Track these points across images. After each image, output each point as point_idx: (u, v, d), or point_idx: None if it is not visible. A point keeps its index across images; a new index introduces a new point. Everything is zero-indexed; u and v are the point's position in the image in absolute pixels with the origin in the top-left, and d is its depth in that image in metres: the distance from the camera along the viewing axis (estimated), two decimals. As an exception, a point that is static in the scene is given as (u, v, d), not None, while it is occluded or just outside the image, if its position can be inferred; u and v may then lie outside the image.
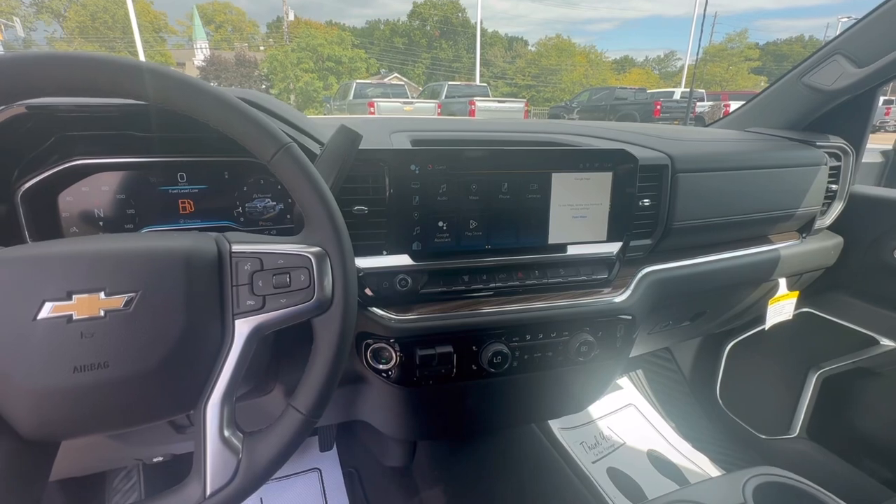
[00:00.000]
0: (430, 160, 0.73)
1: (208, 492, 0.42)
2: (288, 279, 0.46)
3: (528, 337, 0.80)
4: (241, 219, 0.79)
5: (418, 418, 0.89)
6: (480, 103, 11.33)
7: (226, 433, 0.43)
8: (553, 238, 0.82)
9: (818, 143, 1.09)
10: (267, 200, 0.80)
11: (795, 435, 1.35)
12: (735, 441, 1.46)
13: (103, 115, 0.66)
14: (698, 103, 13.20)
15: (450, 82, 15.62)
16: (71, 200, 0.69)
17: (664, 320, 1.06)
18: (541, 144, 0.86)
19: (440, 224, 0.76)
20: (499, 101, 13.15)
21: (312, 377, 0.47)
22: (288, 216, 0.81)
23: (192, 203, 0.76)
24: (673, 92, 17.09)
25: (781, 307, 1.15)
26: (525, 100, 14.36)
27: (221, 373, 0.44)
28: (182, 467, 1.26)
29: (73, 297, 0.39)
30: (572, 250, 0.83)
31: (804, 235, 1.12)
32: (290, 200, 0.81)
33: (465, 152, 0.74)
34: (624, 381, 1.69)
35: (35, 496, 0.40)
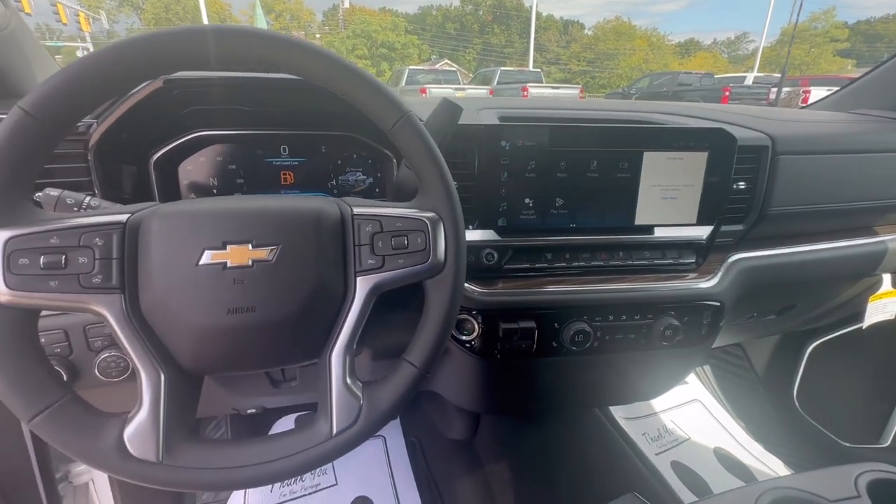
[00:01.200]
0: (521, 136, 0.73)
1: (334, 430, 0.46)
2: (406, 241, 0.48)
3: (610, 317, 0.79)
4: (335, 191, 0.83)
5: (491, 391, 0.91)
6: (533, 90, 11.04)
7: (348, 381, 0.47)
8: (640, 219, 0.80)
9: None
10: (358, 174, 0.84)
11: (887, 445, 1.25)
12: (813, 446, 1.38)
13: (218, 90, 0.72)
14: (772, 88, 12.13)
15: (502, 68, 15.32)
16: (191, 169, 0.76)
17: (749, 311, 1.01)
18: (631, 123, 0.83)
19: (527, 201, 0.77)
20: (552, 88, 12.77)
21: (425, 335, 0.49)
22: (377, 189, 0.85)
23: (292, 174, 0.81)
24: (744, 77, 15.79)
25: (883, 305, 1.06)
26: (580, 86, 13.83)
27: (344, 325, 0.47)
28: (266, 420, 1.36)
29: (228, 246, 0.43)
30: (659, 232, 0.81)
31: None
32: (378, 175, 0.85)
33: (556, 129, 0.74)
34: (689, 377, 1.63)
35: (191, 422, 0.45)
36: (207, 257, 0.43)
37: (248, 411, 0.96)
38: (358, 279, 0.48)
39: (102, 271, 0.41)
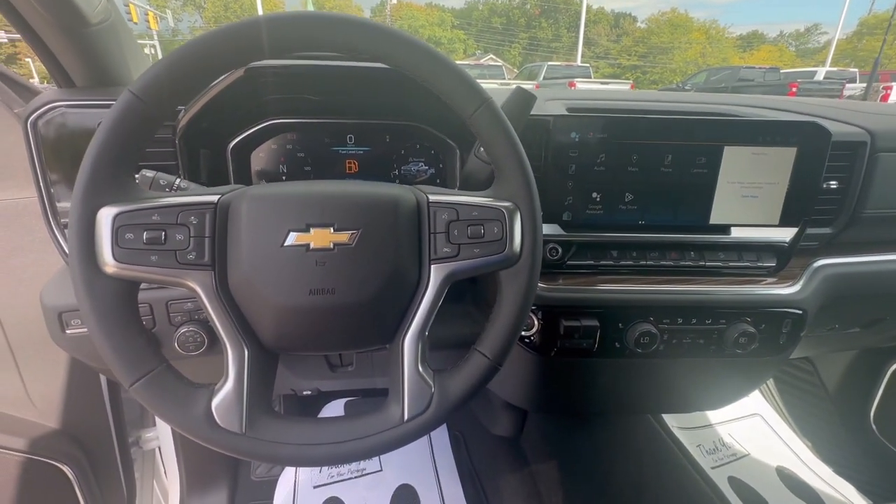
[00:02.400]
0: (593, 128, 0.71)
1: (406, 416, 0.46)
2: (482, 230, 0.47)
3: (679, 320, 0.75)
4: (397, 180, 0.84)
5: (544, 389, 0.89)
6: (581, 85, 10.74)
7: (420, 368, 0.47)
8: (715, 218, 0.75)
9: None
10: (421, 164, 0.84)
11: (983, 479, 1.12)
12: (892, 473, 1.26)
13: (291, 79, 0.74)
14: (847, 84, 11.15)
15: (549, 63, 14.97)
16: (262, 156, 0.79)
17: (830, 323, 0.93)
18: (710, 115, 0.78)
19: (594, 195, 0.74)
20: (601, 83, 12.36)
21: (497, 326, 0.49)
22: (438, 181, 0.85)
23: (356, 163, 0.82)
24: (814, 72, 14.61)
25: None
26: (630, 82, 13.30)
27: (417, 312, 0.47)
28: (318, 402, 1.41)
29: (311, 229, 0.44)
30: (736, 233, 0.76)
31: None
32: (441, 165, 0.84)
33: (630, 121, 0.71)
34: (749, 389, 1.53)
35: (269, 397, 0.47)
36: (292, 239, 0.44)
37: (304, 393, 0.99)
38: (432, 267, 0.47)
39: (196, 248, 0.43)
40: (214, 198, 0.45)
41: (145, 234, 0.42)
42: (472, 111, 0.47)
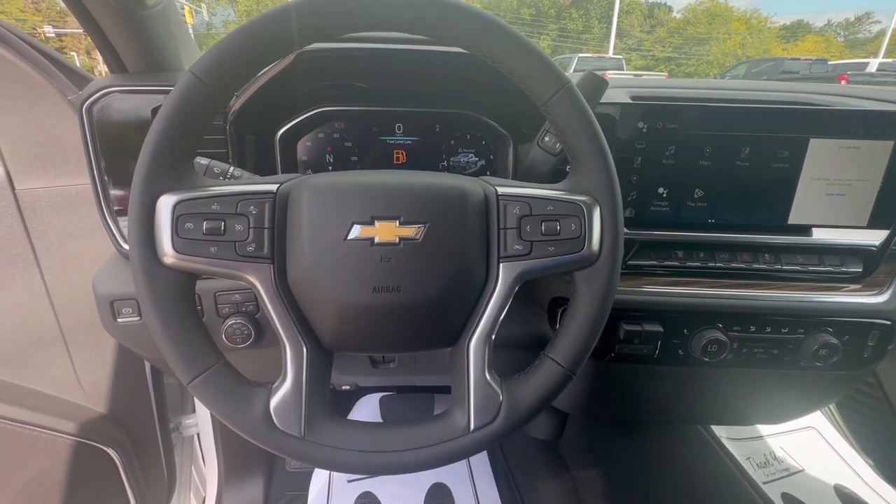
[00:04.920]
0: (662, 117, 0.65)
1: (472, 426, 0.43)
2: (557, 227, 0.43)
3: (751, 328, 0.69)
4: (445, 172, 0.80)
5: (592, 395, 0.85)
6: (614, 77, 10.40)
7: (487, 374, 0.44)
8: (795, 217, 0.69)
9: None
10: (471, 155, 0.80)
11: None
12: (967, 500, 1.16)
13: (340, 64, 0.71)
14: (903, 77, 10.41)
15: (579, 55, 14.63)
16: (309, 145, 0.77)
17: None
18: (794, 104, 0.71)
19: (660, 190, 0.69)
20: (634, 75, 11.97)
21: (572, 332, 0.45)
22: (488, 173, 0.81)
23: (404, 153, 0.79)
24: (866, 63, 13.72)
25: None
26: (665, 74, 12.85)
27: (484, 313, 0.44)
28: (353, 397, 1.40)
29: (376, 222, 0.41)
30: (818, 235, 0.69)
31: None
32: (491, 157, 0.80)
33: (704, 110, 0.65)
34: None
35: (326, 398, 0.45)
36: (356, 232, 0.41)
37: (343, 387, 0.98)
38: (501, 265, 0.44)
39: (255, 240, 0.41)
40: (273, 186, 0.43)
41: (205, 223, 0.40)
42: (550, 96, 0.43)
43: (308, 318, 0.43)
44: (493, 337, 0.44)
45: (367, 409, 1.33)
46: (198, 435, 1.21)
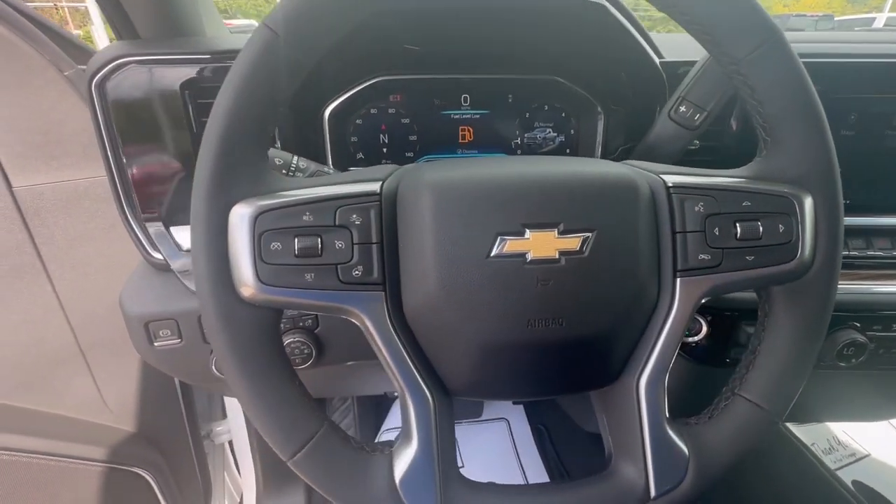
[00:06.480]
0: None
1: (653, 492, 0.33)
2: (759, 229, 0.33)
3: (894, 327, 0.60)
4: (518, 151, 0.69)
5: (681, 396, 0.76)
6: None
7: (667, 424, 0.34)
8: None
9: None
10: (548, 131, 0.68)
11: None
12: None
13: (391, 31, 0.58)
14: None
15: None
16: (359, 123, 0.64)
17: None
18: None
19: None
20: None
21: (775, 365, 0.35)
22: (567, 151, 0.69)
23: (471, 130, 0.67)
24: (872, 18, 13.29)
25: None
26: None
27: (657, 344, 0.34)
28: (388, 402, 1.31)
29: (528, 231, 0.30)
30: (972, 214, 0.59)
31: None
32: (572, 132, 0.68)
33: (853, 68, 0.53)
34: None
35: (456, 460, 0.35)
36: (502, 246, 0.30)
37: (383, 392, 0.89)
38: (679, 280, 0.33)
39: (363, 261, 0.30)
40: (375, 185, 0.31)
41: (297, 241, 0.29)
42: (749, 50, 0.32)
43: (430, 359, 0.33)
44: (669, 373, 0.34)
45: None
46: (229, 442, 1.13)
